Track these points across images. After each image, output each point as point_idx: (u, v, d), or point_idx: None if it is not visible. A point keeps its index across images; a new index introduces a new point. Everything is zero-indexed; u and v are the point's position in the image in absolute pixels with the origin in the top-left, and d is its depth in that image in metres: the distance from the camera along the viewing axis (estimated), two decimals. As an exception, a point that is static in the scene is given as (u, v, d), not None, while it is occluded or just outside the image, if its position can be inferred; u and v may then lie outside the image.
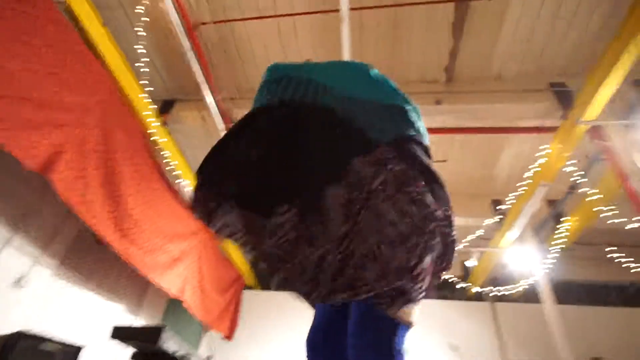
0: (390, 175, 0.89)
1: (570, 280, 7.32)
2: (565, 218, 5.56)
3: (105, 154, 3.79)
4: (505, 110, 4.29)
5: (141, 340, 2.99)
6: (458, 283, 6.24)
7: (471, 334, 6.55)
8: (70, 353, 3.46)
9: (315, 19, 4.09)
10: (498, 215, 5.63)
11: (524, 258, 5.62)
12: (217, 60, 4.39)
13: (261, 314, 7.57)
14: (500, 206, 5.75)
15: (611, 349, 6.05)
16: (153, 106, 4.02)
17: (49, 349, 3.14)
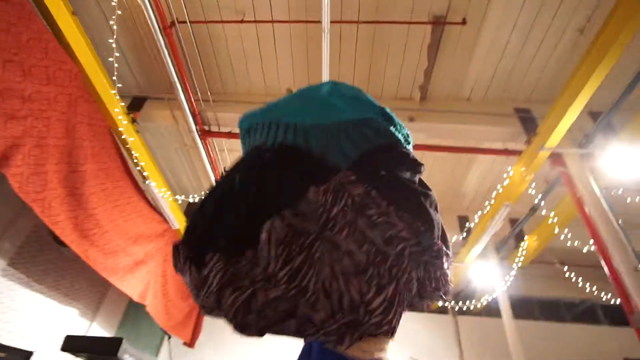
0: (349, 200, 0.84)
1: (526, 296, 7.64)
2: (525, 237, 5.81)
3: (68, 149, 3.62)
4: (473, 131, 4.45)
5: (97, 353, 2.83)
6: (422, 296, 6.33)
7: (433, 346, 6.68)
8: (19, 359, 3.27)
9: (295, 28, 4.11)
10: (464, 232, 5.81)
11: (486, 274, 5.81)
12: (192, 60, 4.31)
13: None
14: (467, 223, 5.94)
15: (562, 363, 6.33)
16: (122, 103, 3.89)
17: (-8, 355, 2.96)
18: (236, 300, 0.76)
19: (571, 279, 5.99)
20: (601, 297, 6.09)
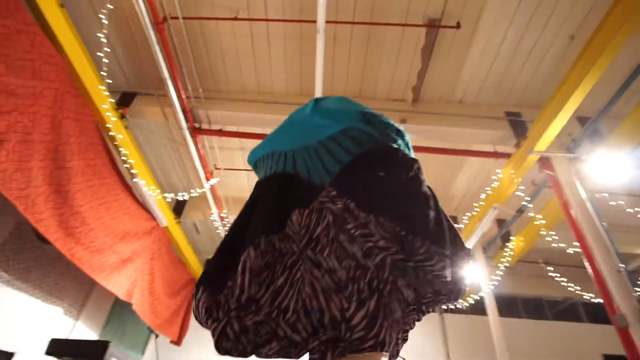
0: (330, 217, 0.83)
1: (511, 294, 7.82)
2: (512, 238, 5.93)
3: (54, 145, 3.51)
4: (464, 133, 4.50)
5: (83, 357, 2.76)
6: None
7: (419, 343, 6.78)
8: (-1, 360, 3.18)
9: (289, 27, 4.07)
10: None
11: (473, 273, 5.90)
12: (184, 57, 4.23)
13: (213, 318, 7.37)
14: (455, 223, 6.01)
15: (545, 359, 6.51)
16: (111, 99, 3.79)
17: (-29, 357, 2.86)
18: (215, 329, 0.78)
19: (555, 278, 6.15)
20: (582, 296, 6.27)
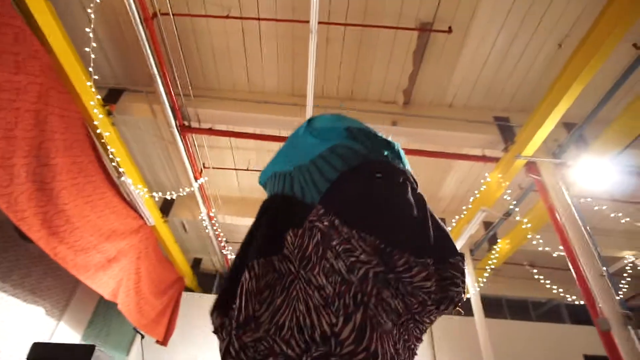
0: (319, 235, 0.86)
1: (497, 296, 7.95)
2: (498, 241, 6.01)
3: (38, 142, 3.43)
4: (454, 137, 4.55)
5: None
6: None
7: (406, 344, 6.83)
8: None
9: (282, 27, 4.04)
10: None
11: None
12: (174, 54, 4.17)
13: (201, 318, 7.29)
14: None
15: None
16: (98, 96, 3.72)
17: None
18: (221, 348, 0.82)
19: (539, 280, 6.27)
20: (565, 298, 6.40)
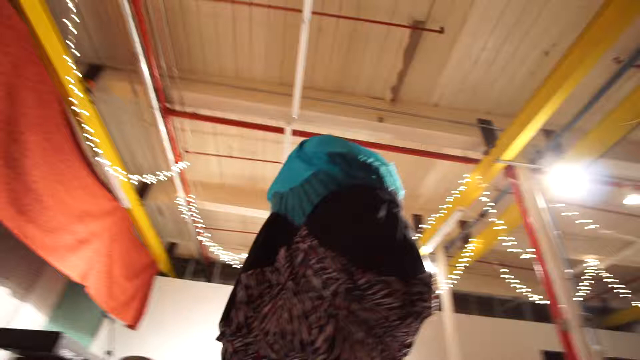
0: (302, 255, 0.95)
1: (465, 292, 8.26)
2: (472, 239, 6.21)
3: (7, 116, 3.24)
4: (437, 137, 4.62)
5: (31, 348, 2.56)
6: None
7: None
8: None
9: (273, 13, 3.95)
10: (418, 230, 6.08)
11: (433, 271, 6.14)
12: (160, 33, 3.99)
13: (173, 303, 7.20)
14: (420, 221, 6.22)
15: (490, 356, 6.94)
16: (77, 72, 3.54)
17: None
18: (220, 353, 0.95)
19: (506, 279, 6.54)
20: (529, 296, 6.73)
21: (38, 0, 3.05)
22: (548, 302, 3.82)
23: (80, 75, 3.70)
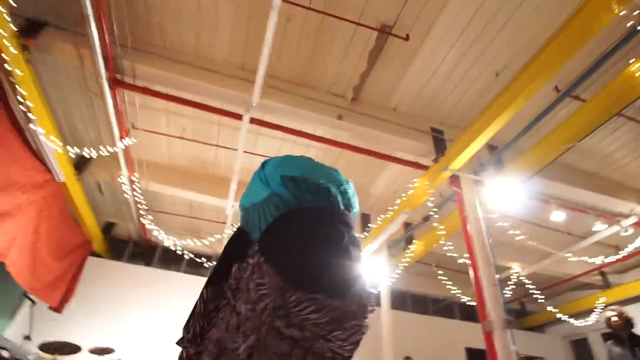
0: (249, 269, 1.03)
1: (403, 290, 8.67)
2: (414, 241, 6.52)
3: None
4: (392, 140, 4.76)
5: None
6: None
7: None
8: None
9: (242, -5, 3.81)
10: (365, 229, 6.27)
11: (375, 268, 6.37)
12: (117, -4, 3.70)
13: (106, 286, 6.78)
14: (369, 220, 6.41)
15: (421, 350, 7.37)
16: (13, 26, 3.17)
17: None
18: (178, 356, 1.01)
19: (441, 280, 6.95)
20: (460, 298, 7.21)
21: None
22: (476, 304, 4.13)
23: (16, 30, 3.31)
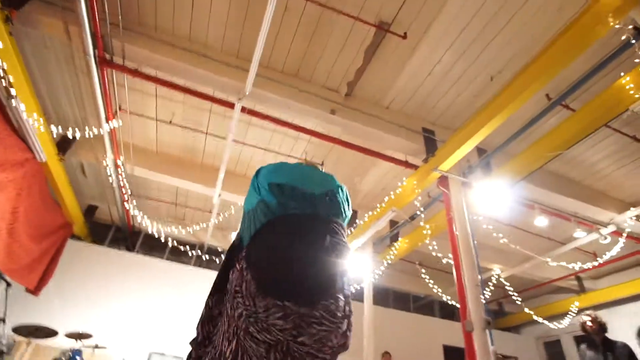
0: (237, 273, 1.11)
1: (385, 286, 8.77)
2: (399, 239, 6.57)
3: None
4: (383, 138, 4.76)
5: None
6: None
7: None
8: None
9: (240, -19, 3.72)
10: (352, 225, 6.28)
11: (359, 264, 6.40)
12: (109, -27, 3.56)
13: (86, 270, 6.65)
14: (355, 218, 6.42)
15: (401, 346, 7.48)
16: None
17: None
18: (186, 356, 1.17)
19: (423, 278, 7.04)
20: (441, 296, 7.32)
21: None
22: (456, 303, 4.19)
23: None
